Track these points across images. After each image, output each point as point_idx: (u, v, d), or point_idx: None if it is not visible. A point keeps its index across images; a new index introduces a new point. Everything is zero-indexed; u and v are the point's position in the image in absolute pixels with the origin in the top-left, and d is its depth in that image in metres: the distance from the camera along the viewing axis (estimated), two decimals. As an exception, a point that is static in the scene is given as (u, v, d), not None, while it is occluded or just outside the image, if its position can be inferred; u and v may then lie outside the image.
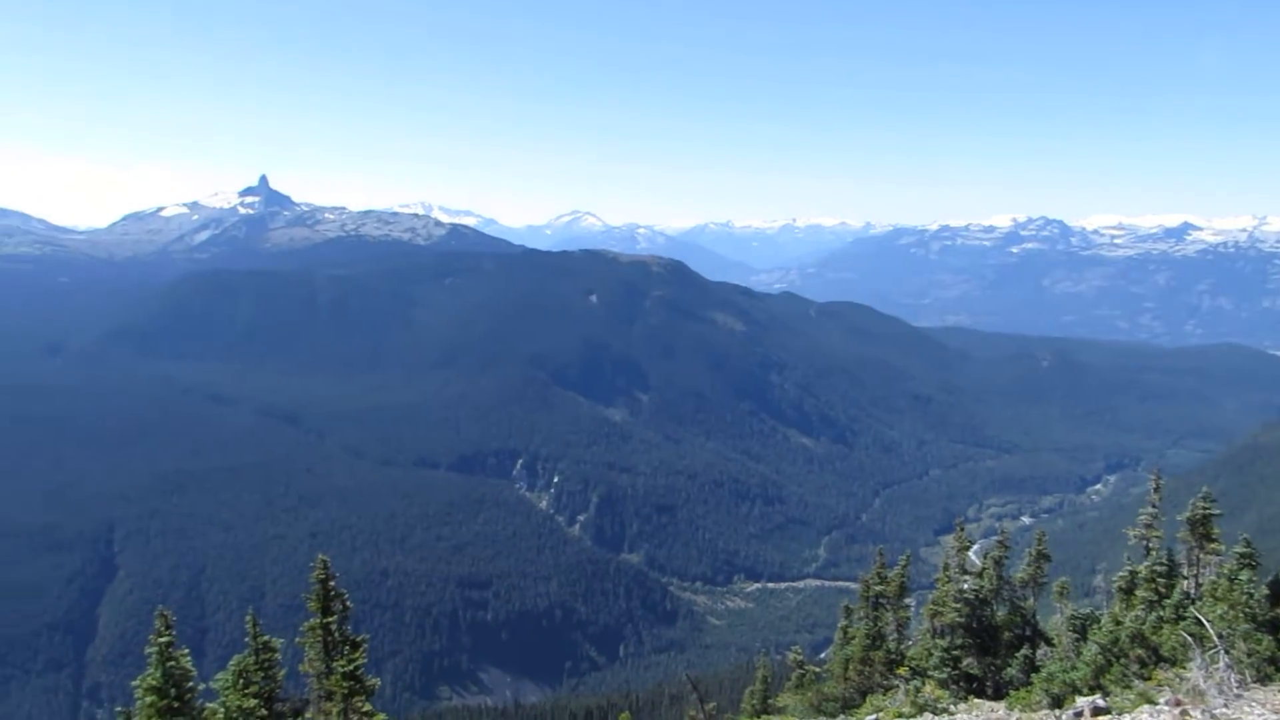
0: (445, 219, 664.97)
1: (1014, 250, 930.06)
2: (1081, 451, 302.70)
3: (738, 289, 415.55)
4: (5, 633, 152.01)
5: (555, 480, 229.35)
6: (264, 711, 23.29)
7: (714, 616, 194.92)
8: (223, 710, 17.72)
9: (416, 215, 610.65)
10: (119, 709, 25.33)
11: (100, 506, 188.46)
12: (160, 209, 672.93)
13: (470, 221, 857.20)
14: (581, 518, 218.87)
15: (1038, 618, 32.91)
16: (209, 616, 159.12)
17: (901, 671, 33.51)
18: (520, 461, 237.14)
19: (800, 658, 41.37)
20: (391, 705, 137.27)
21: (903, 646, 36.46)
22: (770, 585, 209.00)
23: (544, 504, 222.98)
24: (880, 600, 37.06)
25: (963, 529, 36.03)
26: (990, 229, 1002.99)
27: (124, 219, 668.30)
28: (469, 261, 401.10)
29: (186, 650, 17.34)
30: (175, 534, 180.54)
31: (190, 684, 16.65)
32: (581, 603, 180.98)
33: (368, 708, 24.58)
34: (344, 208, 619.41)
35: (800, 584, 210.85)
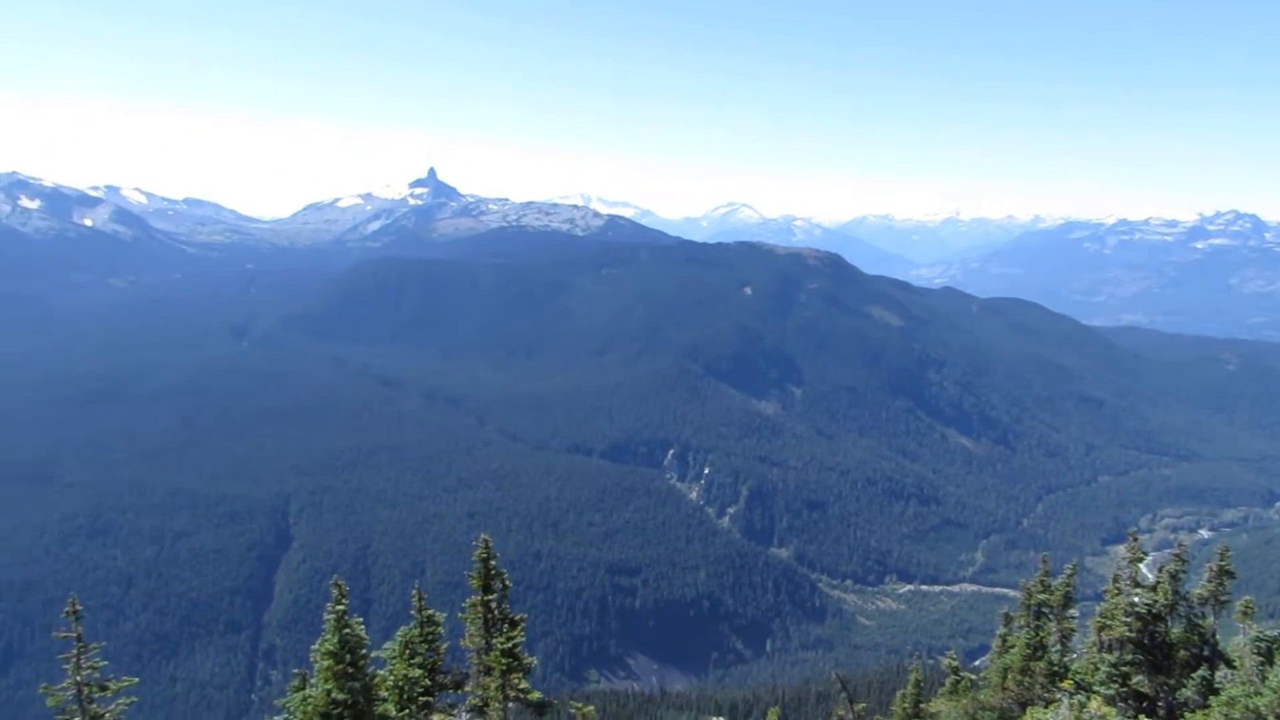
0: (603, 210, 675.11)
1: (1198, 246, 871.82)
2: (1270, 462, 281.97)
3: (896, 283, 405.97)
4: (192, 595, 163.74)
5: (706, 471, 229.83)
6: (427, 682, 24.36)
7: (864, 616, 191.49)
8: (392, 678, 18.65)
9: (575, 207, 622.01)
10: (295, 670, 26.97)
11: (277, 480, 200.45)
12: (337, 200, 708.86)
13: (627, 213, 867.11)
14: (731, 510, 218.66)
15: (1217, 637, 30.92)
16: (374, 589, 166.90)
17: (1065, 685, 32.12)
18: (671, 451, 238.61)
19: (955, 663, 40.24)
20: (541, 684, 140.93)
21: (1066, 659, 34.97)
22: (923, 588, 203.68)
23: (694, 495, 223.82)
24: (1043, 609, 35.62)
25: (1136, 539, 34.21)
26: (1173, 223, 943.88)
27: (304, 209, 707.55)
28: (625, 252, 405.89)
29: (360, 619, 18.32)
30: (344, 509, 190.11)
31: (364, 651, 17.58)
32: (729, 595, 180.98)
33: (524, 684, 25.33)
34: (507, 199, 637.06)
35: (955, 588, 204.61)
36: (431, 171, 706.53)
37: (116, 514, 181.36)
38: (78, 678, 21.57)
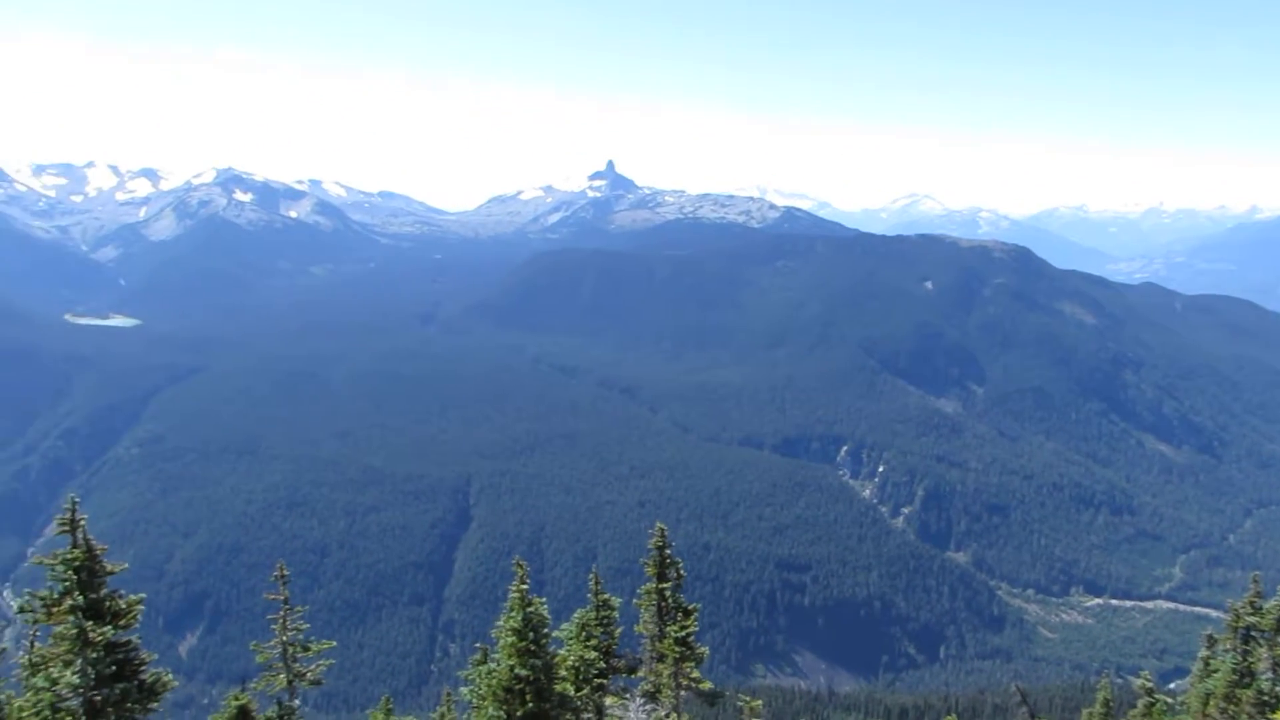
0: (779, 202, 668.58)
1: None
2: None
3: (1090, 278, 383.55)
4: (380, 566, 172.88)
5: (880, 469, 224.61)
6: (602, 664, 24.76)
7: (1046, 628, 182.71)
8: (571, 659, 19.06)
9: (751, 198, 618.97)
10: (477, 645, 27.90)
11: (459, 461, 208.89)
12: (519, 192, 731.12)
13: (804, 205, 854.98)
14: (906, 510, 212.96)
15: None
16: (547, 571, 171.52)
17: (1276, 717, 29.64)
18: (845, 448, 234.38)
19: (1149, 684, 37.77)
20: (708, 675, 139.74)
21: (1278, 688, 32.24)
22: (1113, 602, 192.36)
23: (867, 493, 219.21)
24: (1252, 633, 32.89)
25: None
26: None
27: (489, 201, 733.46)
28: (801, 244, 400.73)
29: (543, 599, 18.78)
30: (521, 492, 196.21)
31: (545, 630, 18.01)
32: (902, 597, 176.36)
33: (696, 674, 25.41)
34: (683, 191, 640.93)
35: (1149, 604, 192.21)
36: (610, 164, 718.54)
37: (313, 488, 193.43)
38: (284, 638, 23.06)
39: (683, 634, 24.65)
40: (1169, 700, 36.75)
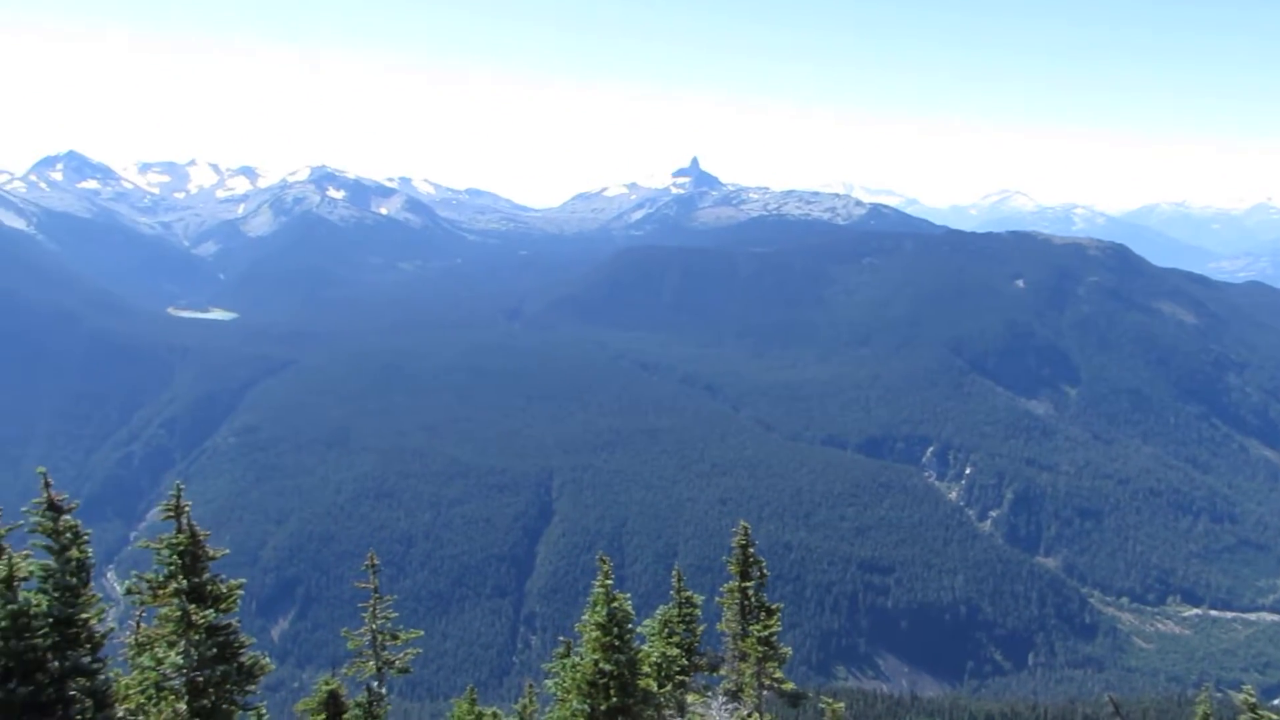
0: (866, 199, 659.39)
1: None
2: None
3: (1191, 276, 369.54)
4: (464, 558, 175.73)
5: (967, 471, 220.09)
6: (684, 661, 24.78)
7: (1141, 638, 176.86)
8: (654, 655, 19.11)
9: (837, 195, 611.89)
10: (560, 638, 28.18)
11: (542, 456, 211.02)
12: (604, 190, 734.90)
13: (891, 201, 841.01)
14: (994, 513, 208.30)
15: None
16: (627, 567, 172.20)
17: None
18: (930, 449, 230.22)
19: (1253, 699, 36.23)
20: (788, 675, 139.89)
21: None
22: (1213, 613, 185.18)
23: (953, 495, 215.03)
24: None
25: None
26: None
27: (574, 198, 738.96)
28: (888, 242, 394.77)
29: (628, 595, 18.87)
30: (603, 487, 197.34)
31: (629, 625, 18.09)
32: (989, 602, 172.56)
33: (779, 674, 25.26)
34: (767, 188, 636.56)
35: (1252, 616, 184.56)
36: (694, 161, 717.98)
37: (400, 479, 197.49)
38: (374, 625, 23.61)
39: (766, 633, 24.52)
40: (1272, 716, 35.30)
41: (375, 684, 24.35)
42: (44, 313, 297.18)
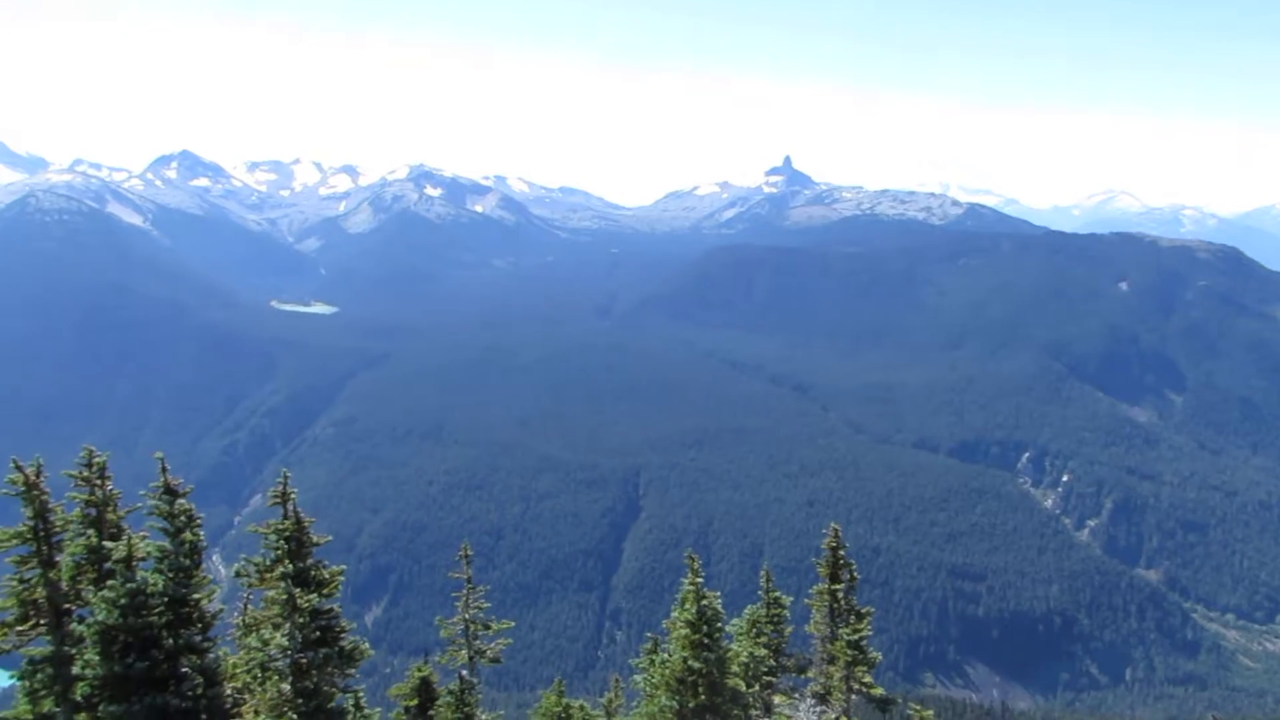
0: (963, 198, 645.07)
1: None
2: None
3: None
4: (552, 552, 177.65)
5: (1064, 479, 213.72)
6: (772, 662, 24.71)
7: (1247, 657, 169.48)
8: (743, 654, 19.11)
9: (932, 195, 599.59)
10: (648, 635, 28.29)
11: (630, 452, 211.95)
12: (695, 188, 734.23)
13: (989, 201, 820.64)
14: (1091, 523, 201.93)
15: None
16: (713, 566, 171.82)
17: None
18: (1026, 455, 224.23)
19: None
20: (876, 680, 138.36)
21: None
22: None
23: (1049, 503, 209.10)
24: None
25: None
26: None
27: (665, 197, 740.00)
28: (985, 242, 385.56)
29: (718, 594, 18.91)
30: (690, 485, 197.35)
31: (719, 624, 18.13)
32: (1085, 614, 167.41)
33: (868, 678, 25.01)
34: (860, 187, 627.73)
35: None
36: (787, 159, 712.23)
37: (491, 472, 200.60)
38: (466, 615, 24.10)
39: (856, 637, 24.28)
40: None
41: (467, 672, 24.87)
42: (158, 305, 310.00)
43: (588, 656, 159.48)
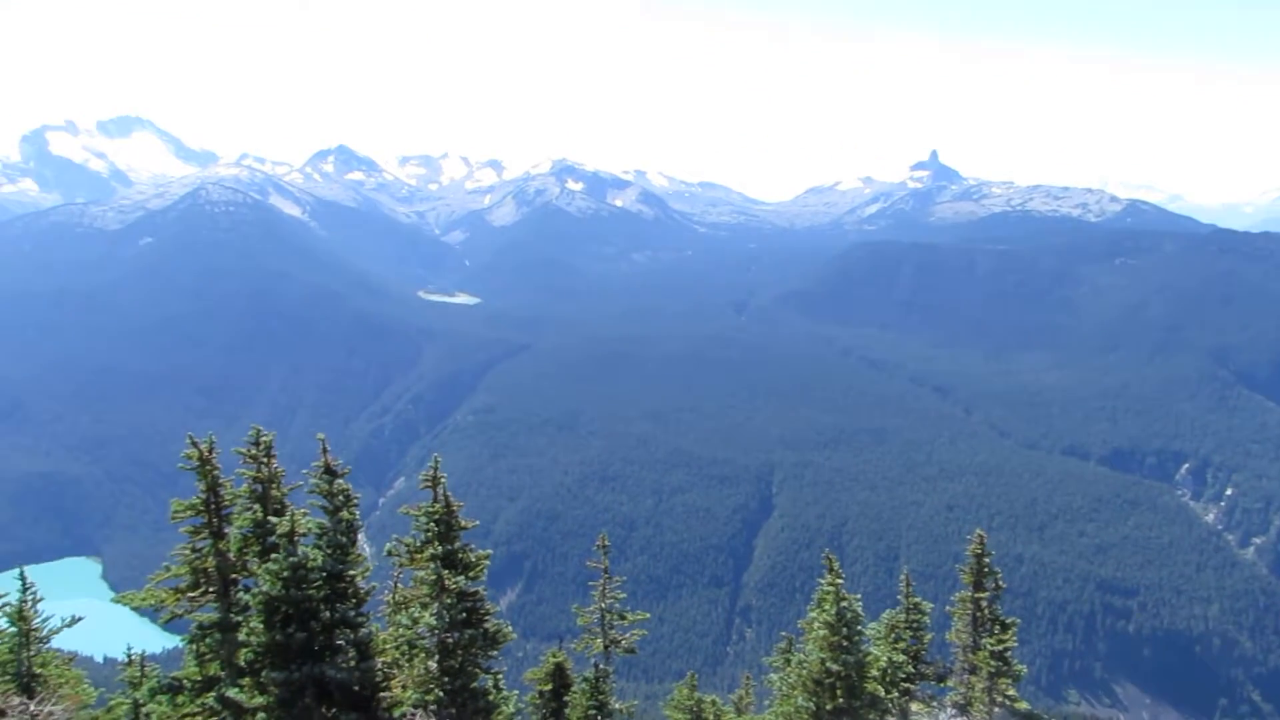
0: (1123, 194, 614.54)
1: None
2: None
3: None
4: (683, 546, 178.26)
5: (1228, 492, 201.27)
6: (910, 668, 24.14)
7: None
8: (881, 659, 18.76)
9: (1089, 190, 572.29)
10: (782, 634, 28.07)
11: (764, 449, 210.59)
12: (837, 183, 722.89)
13: (1152, 197, 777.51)
14: (1258, 540, 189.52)
15: None
16: (847, 567, 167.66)
17: None
18: (1186, 465, 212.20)
19: None
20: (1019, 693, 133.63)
21: None
22: None
23: (1210, 517, 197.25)
24: None
25: None
26: None
27: (806, 192, 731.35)
28: (1146, 240, 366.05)
29: (859, 596, 18.60)
30: (824, 485, 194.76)
31: (859, 627, 17.83)
32: (1248, 636, 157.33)
33: (1012, 691, 24.18)
34: (1011, 182, 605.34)
35: None
36: (934, 154, 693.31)
37: (624, 465, 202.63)
38: (603, 604, 24.40)
39: (1000, 648, 23.49)
40: None
41: (602, 661, 25.19)
42: (313, 293, 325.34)
43: (717, 652, 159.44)
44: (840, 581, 18.13)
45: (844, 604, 17.71)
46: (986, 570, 25.03)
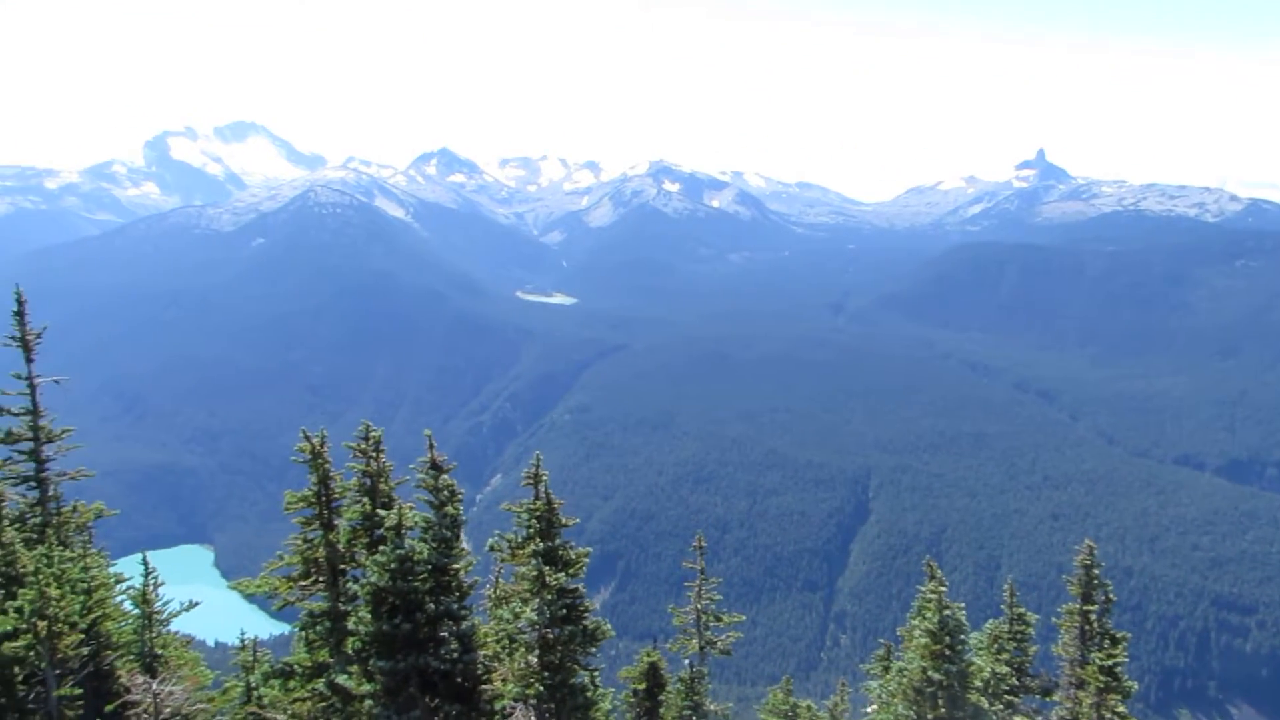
0: (1244, 193, 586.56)
1: None
2: None
3: None
4: (776, 549, 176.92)
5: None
6: (1014, 680, 23.55)
7: None
8: (985, 670, 18.34)
9: (1207, 189, 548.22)
10: (880, 640, 27.69)
11: (860, 453, 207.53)
12: (939, 183, 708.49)
13: (1276, 196, 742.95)
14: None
15: None
16: (945, 575, 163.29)
17: None
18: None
19: None
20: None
21: None
22: None
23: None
24: None
25: None
26: None
27: (906, 192, 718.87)
28: (1269, 241, 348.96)
29: (962, 605, 18.24)
30: (923, 490, 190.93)
31: (963, 636, 17.47)
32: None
33: (1121, 708, 23.40)
34: (1123, 181, 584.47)
35: None
36: (1040, 153, 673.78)
37: (719, 466, 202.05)
38: (699, 605, 24.42)
39: (1110, 663, 22.72)
40: None
41: (697, 661, 25.21)
42: (416, 293, 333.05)
43: (810, 657, 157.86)
44: (944, 589, 17.79)
45: (947, 612, 17.37)
46: (1096, 582, 24.26)
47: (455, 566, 15.72)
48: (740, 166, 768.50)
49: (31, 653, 15.07)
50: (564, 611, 17.22)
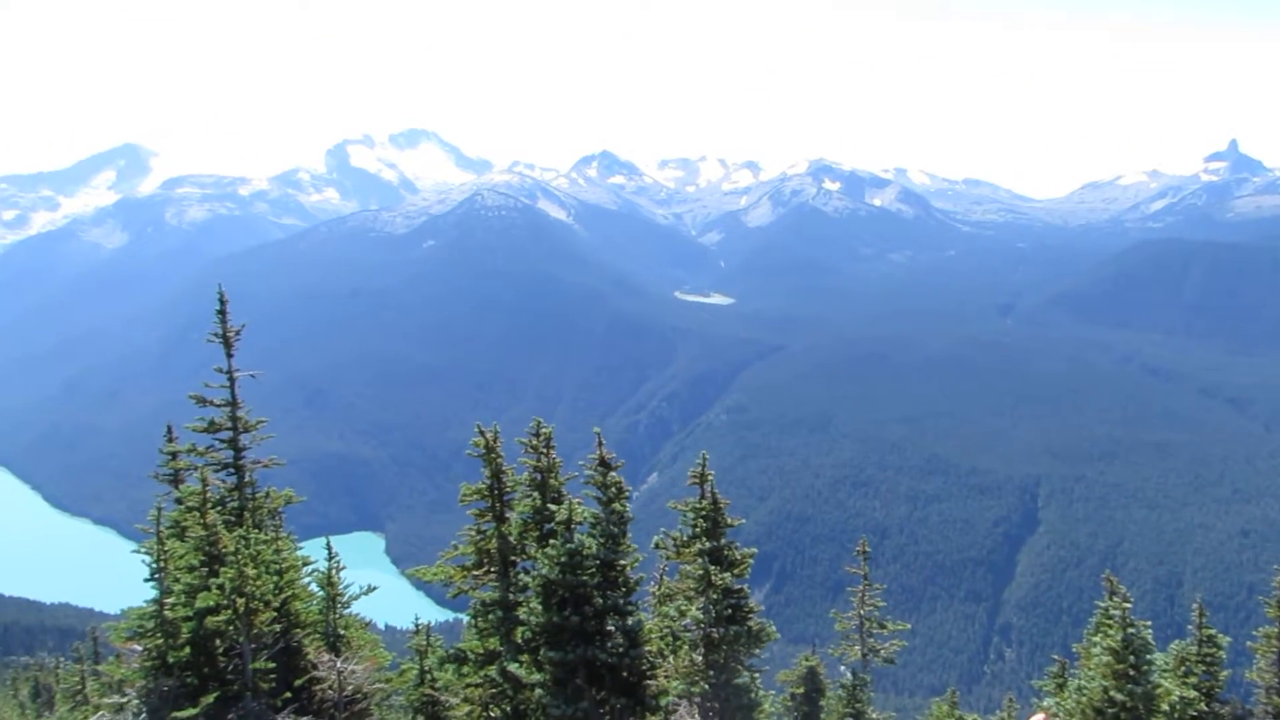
0: None
1: None
2: None
3: None
4: (938, 557, 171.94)
5: None
6: (1203, 707, 22.19)
7: None
8: (1173, 693, 17.34)
9: None
10: (1054, 657, 26.60)
11: (1028, 460, 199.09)
12: (1118, 178, 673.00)
13: None
14: None
15: None
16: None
17: None
18: None
19: None
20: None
21: None
22: None
23: None
24: None
25: None
26: None
27: (1082, 188, 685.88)
28: None
29: (1149, 622, 17.31)
30: (1097, 501, 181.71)
31: (1149, 656, 16.58)
32: None
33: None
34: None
35: None
36: (1233, 143, 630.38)
37: (878, 470, 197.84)
38: (861, 611, 24.04)
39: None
40: None
41: (860, 668, 24.83)
42: (576, 293, 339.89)
43: (973, 670, 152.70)
44: (1128, 605, 16.94)
45: (1131, 630, 16.50)
46: (1297, 605, 22.57)
47: (622, 562, 16.02)
48: (904, 164, 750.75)
49: (231, 627, 16.19)
50: (729, 611, 17.28)
